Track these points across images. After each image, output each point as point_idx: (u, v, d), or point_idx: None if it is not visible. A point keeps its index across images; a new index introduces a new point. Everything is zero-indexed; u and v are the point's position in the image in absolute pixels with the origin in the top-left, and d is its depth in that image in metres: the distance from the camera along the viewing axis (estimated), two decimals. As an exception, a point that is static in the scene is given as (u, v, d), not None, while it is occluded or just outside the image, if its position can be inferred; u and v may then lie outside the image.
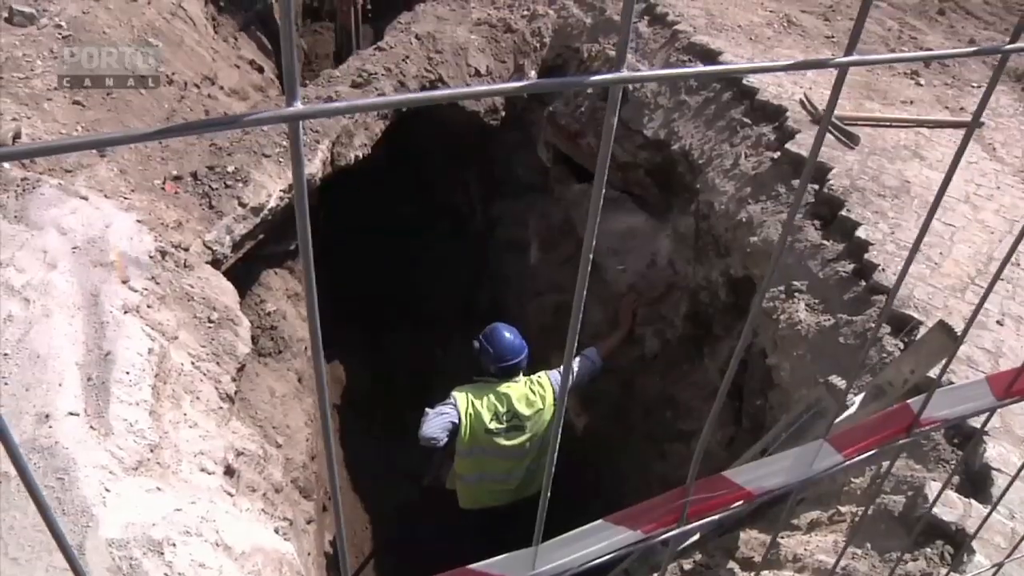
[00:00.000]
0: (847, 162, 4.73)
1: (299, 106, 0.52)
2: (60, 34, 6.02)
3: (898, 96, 5.67)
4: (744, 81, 5.39)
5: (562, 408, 0.85)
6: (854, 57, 0.65)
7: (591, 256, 0.67)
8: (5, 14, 6.09)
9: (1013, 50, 0.68)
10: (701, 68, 0.66)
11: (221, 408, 3.75)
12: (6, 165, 4.73)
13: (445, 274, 8.23)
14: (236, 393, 4.10)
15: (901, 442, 1.05)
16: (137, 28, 6.42)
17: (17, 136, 4.93)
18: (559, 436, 0.81)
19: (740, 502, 0.95)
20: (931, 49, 6.42)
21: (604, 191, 0.65)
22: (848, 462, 0.96)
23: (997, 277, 0.99)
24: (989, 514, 1.70)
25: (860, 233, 4.13)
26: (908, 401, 1.03)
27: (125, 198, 4.40)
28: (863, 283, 3.95)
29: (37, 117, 5.18)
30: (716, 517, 0.94)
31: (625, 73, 0.60)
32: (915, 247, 0.84)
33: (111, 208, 4.26)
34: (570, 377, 0.84)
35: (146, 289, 3.85)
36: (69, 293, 3.62)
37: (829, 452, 0.95)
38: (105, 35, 6.21)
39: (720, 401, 0.89)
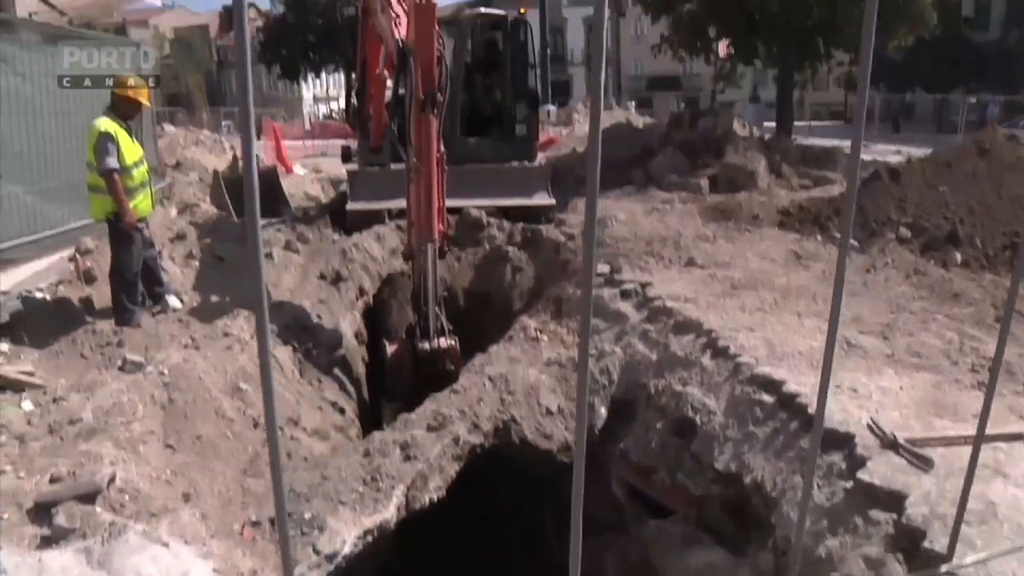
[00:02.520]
0: (923, 487, 4.58)
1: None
2: (162, 380, 6.49)
3: (968, 410, 5.50)
4: (810, 409, 5.43)
5: None
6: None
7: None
8: (119, 363, 6.66)
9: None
10: None
11: None
12: (97, 508, 4.95)
13: (522, 608, 7.93)
14: None
15: None
16: (230, 373, 6.90)
17: (112, 480, 5.18)
18: None
19: None
20: (989, 358, 6.32)
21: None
22: None
23: None
24: None
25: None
26: None
27: (204, 544, 4.51)
28: (956, 623, 3.69)
29: (132, 461, 5.46)
30: None
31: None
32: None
33: (189, 556, 4.36)
34: None
35: (216, 640, 3.83)
36: (142, 646, 3.62)
37: None
38: (201, 380, 6.67)
39: None
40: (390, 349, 8.14)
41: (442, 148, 7.50)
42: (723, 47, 22.12)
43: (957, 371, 6.15)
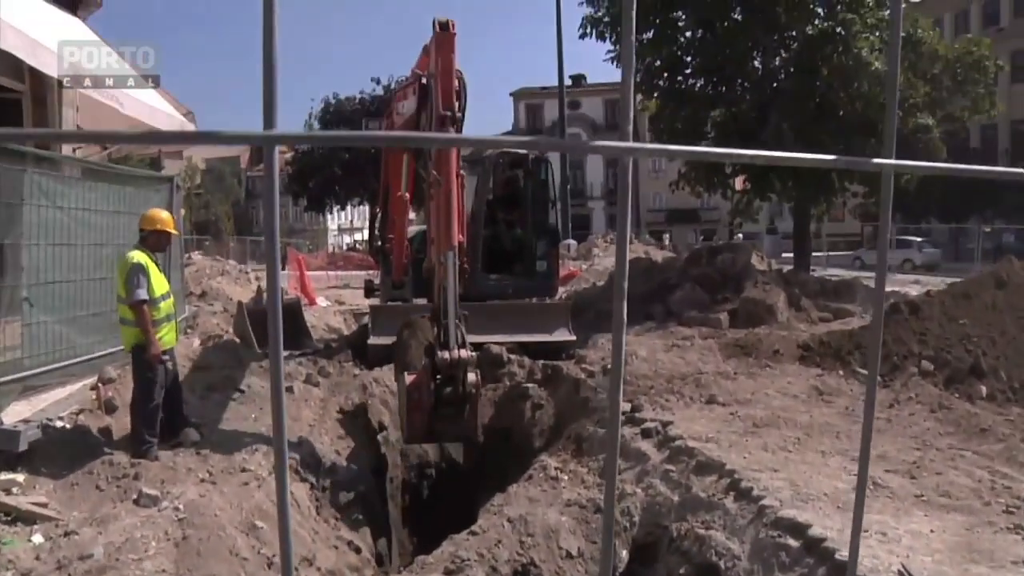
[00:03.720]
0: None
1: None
2: (177, 516, 6.41)
3: (1006, 555, 5.28)
4: (836, 556, 5.26)
5: None
6: None
7: None
8: (135, 496, 6.59)
9: None
10: None
11: None
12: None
13: None
14: None
15: None
16: (246, 510, 6.80)
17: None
18: None
19: None
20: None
21: None
22: None
23: None
24: None
25: None
26: None
27: None
28: None
29: (141, 602, 5.33)
30: None
31: None
32: None
33: None
34: None
35: None
36: None
37: None
38: (216, 517, 6.58)
39: None
40: (408, 379, 7.90)
41: (461, 161, 7.83)
42: (739, 182, 22.56)
43: (990, 512, 5.97)
